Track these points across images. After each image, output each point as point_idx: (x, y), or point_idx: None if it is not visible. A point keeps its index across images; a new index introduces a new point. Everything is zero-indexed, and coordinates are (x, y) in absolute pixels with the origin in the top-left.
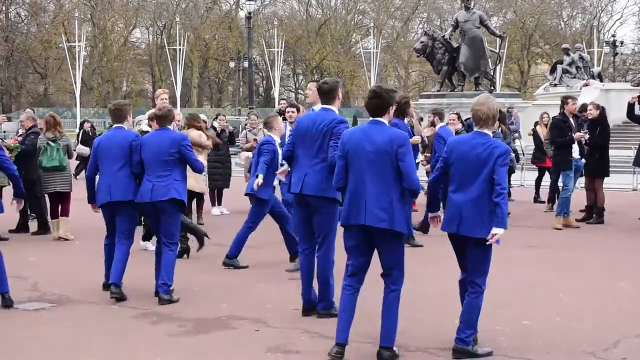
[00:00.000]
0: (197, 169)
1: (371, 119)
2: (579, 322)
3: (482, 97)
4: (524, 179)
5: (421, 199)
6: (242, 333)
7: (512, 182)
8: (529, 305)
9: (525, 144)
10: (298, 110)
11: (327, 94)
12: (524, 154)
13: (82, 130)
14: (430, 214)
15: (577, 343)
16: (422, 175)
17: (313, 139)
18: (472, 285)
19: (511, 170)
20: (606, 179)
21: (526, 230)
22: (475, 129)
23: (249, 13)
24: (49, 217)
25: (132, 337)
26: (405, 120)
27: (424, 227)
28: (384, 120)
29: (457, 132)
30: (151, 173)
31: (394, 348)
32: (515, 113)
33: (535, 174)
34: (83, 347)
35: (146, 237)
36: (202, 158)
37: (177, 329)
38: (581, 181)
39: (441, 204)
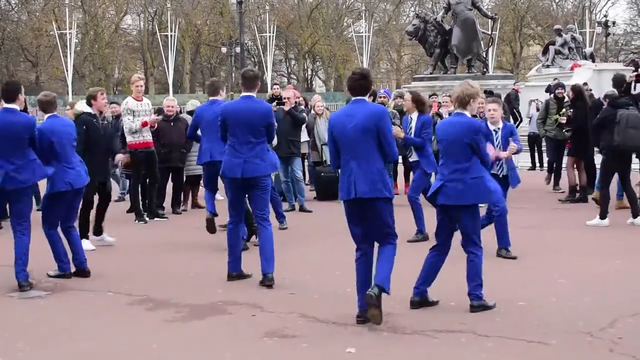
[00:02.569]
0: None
1: (354, 98)
2: (574, 302)
3: (464, 83)
4: (517, 161)
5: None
6: (239, 318)
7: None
8: (525, 286)
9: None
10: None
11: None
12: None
13: None
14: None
15: (573, 323)
16: None
17: None
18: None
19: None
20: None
21: (522, 212)
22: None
23: None
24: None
25: (128, 324)
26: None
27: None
28: (366, 98)
29: (450, 114)
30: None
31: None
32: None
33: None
34: (79, 334)
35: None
36: None
37: (173, 315)
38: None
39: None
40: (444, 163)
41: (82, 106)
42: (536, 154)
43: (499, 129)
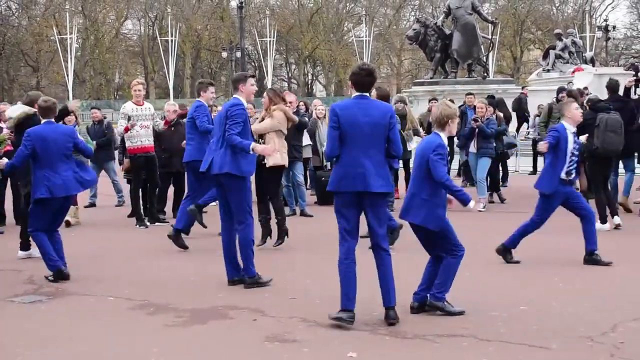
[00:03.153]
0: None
1: (358, 94)
2: (575, 307)
3: (442, 103)
4: (518, 165)
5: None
6: (240, 323)
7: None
8: (526, 291)
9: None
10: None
11: None
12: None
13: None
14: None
15: (574, 328)
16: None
17: None
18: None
19: (505, 156)
20: None
21: (521, 216)
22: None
23: (241, 3)
24: None
25: (128, 328)
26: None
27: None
28: (369, 94)
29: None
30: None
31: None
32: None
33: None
34: (80, 339)
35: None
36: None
37: (173, 320)
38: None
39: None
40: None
41: (20, 109)
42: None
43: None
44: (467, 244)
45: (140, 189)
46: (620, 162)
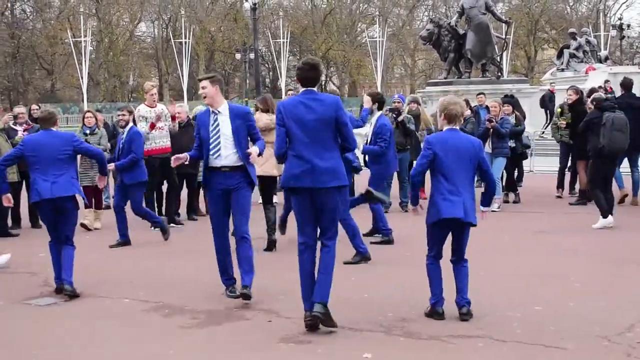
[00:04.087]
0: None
1: (304, 89)
2: (591, 307)
3: (453, 98)
4: (533, 165)
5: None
6: (255, 324)
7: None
8: (541, 291)
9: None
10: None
11: None
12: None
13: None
14: (412, 206)
15: (590, 328)
16: None
17: None
18: (463, 260)
19: (524, 156)
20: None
21: (537, 217)
22: (447, 126)
23: (254, 4)
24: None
25: (144, 330)
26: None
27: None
28: (316, 89)
29: (465, 119)
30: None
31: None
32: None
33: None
34: (96, 341)
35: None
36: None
37: (189, 321)
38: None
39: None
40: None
41: None
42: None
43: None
44: (482, 244)
45: (154, 192)
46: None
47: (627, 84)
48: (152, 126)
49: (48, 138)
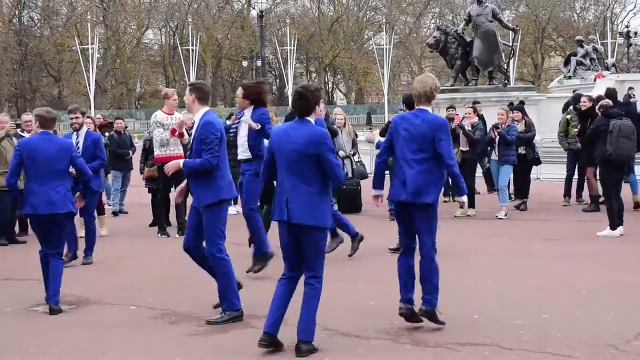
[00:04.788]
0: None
1: (297, 118)
2: (598, 315)
3: (422, 76)
4: (540, 172)
5: None
6: (261, 331)
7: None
8: (548, 299)
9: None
10: None
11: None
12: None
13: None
14: (374, 192)
15: (597, 336)
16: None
17: None
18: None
19: (537, 162)
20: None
21: (544, 224)
22: (419, 106)
23: (261, 12)
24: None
25: (151, 338)
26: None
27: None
28: (310, 118)
29: (473, 126)
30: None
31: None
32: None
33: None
34: (102, 348)
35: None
36: None
37: (195, 329)
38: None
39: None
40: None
41: None
42: None
43: None
44: (490, 251)
45: (164, 198)
46: None
47: (611, 94)
48: (174, 131)
49: (45, 143)
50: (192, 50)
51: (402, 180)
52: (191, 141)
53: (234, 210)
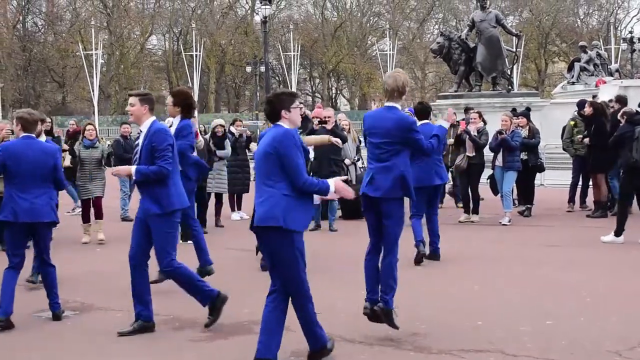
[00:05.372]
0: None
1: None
2: (603, 321)
3: (394, 71)
4: (544, 178)
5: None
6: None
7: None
8: (552, 305)
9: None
10: None
11: None
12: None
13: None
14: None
15: (601, 343)
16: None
17: None
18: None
19: (540, 168)
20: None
21: (548, 230)
22: (388, 103)
23: (265, 17)
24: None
25: (155, 343)
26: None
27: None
28: (281, 122)
29: (479, 131)
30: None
31: None
32: None
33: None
34: (107, 354)
35: None
36: None
37: (199, 335)
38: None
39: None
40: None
41: None
42: None
43: None
44: (493, 257)
45: None
46: None
47: (622, 100)
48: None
49: (30, 147)
50: (196, 55)
51: (371, 177)
52: (139, 150)
53: (238, 215)
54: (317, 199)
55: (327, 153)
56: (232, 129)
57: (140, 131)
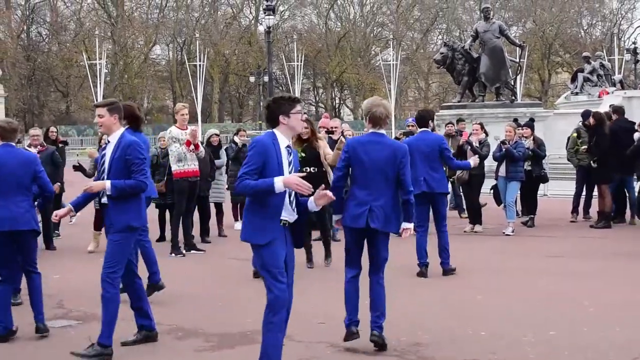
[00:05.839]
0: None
1: None
2: (606, 331)
3: (377, 98)
4: (547, 189)
5: None
6: None
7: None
8: (555, 316)
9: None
10: None
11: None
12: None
13: None
14: (335, 217)
15: (604, 353)
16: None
17: None
18: (379, 276)
19: (544, 179)
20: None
21: (551, 241)
22: (372, 129)
23: (268, 27)
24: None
25: (158, 353)
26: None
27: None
28: (278, 129)
29: (480, 142)
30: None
31: None
32: None
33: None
34: None
35: None
36: None
37: (202, 344)
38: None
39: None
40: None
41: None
42: None
43: None
44: (496, 267)
45: (180, 216)
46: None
47: (619, 110)
48: (189, 143)
49: (9, 155)
50: (200, 65)
51: (367, 206)
52: (107, 162)
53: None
54: (313, 205)
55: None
56: (236, 138)
57: (108, 141)
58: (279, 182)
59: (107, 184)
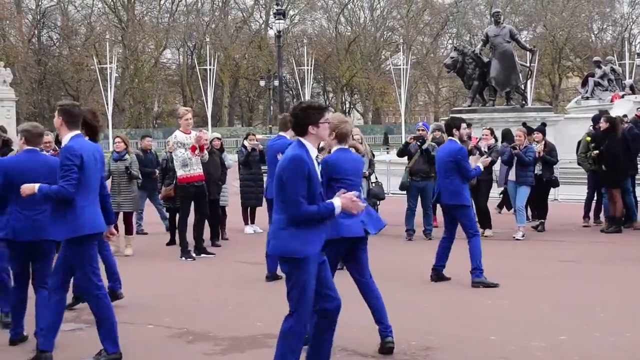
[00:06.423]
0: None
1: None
2: (616, 337)
3: (341, 115)
4: (558, 193)
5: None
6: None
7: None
8: (566, 321)
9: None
10: None
11: None
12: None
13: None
14: None
15: (614, 358)
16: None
17: None
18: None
19: (554, 184)
20: None
21: (561, 245)
22: (339, 145)
23: (279, 32)
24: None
25: (168, 357)
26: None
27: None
28: (307, 138)
29: (489, 148)
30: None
31: None
32: None
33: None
34: None
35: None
36: None
37: (212, 348)
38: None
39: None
40: None
41: None
42: None
43: None
44: (506, 272)
45: (186, 220)
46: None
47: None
48: (194, 148)
49: (33, 161)
50: (210, 69)
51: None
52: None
53: (251, 229)
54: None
55: None
56: (246, 142)
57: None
58: (338, 208)
59: (36, 187)
